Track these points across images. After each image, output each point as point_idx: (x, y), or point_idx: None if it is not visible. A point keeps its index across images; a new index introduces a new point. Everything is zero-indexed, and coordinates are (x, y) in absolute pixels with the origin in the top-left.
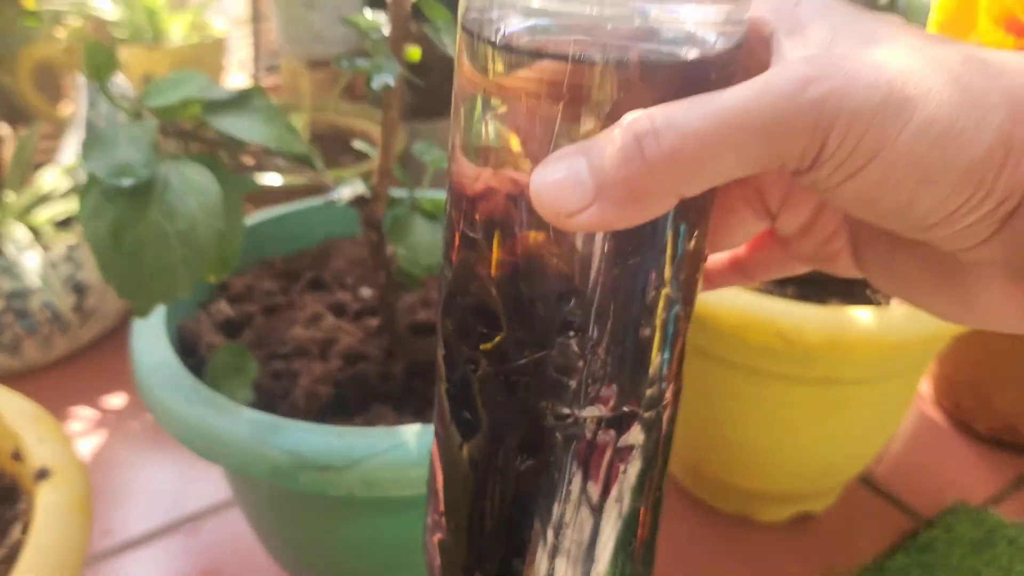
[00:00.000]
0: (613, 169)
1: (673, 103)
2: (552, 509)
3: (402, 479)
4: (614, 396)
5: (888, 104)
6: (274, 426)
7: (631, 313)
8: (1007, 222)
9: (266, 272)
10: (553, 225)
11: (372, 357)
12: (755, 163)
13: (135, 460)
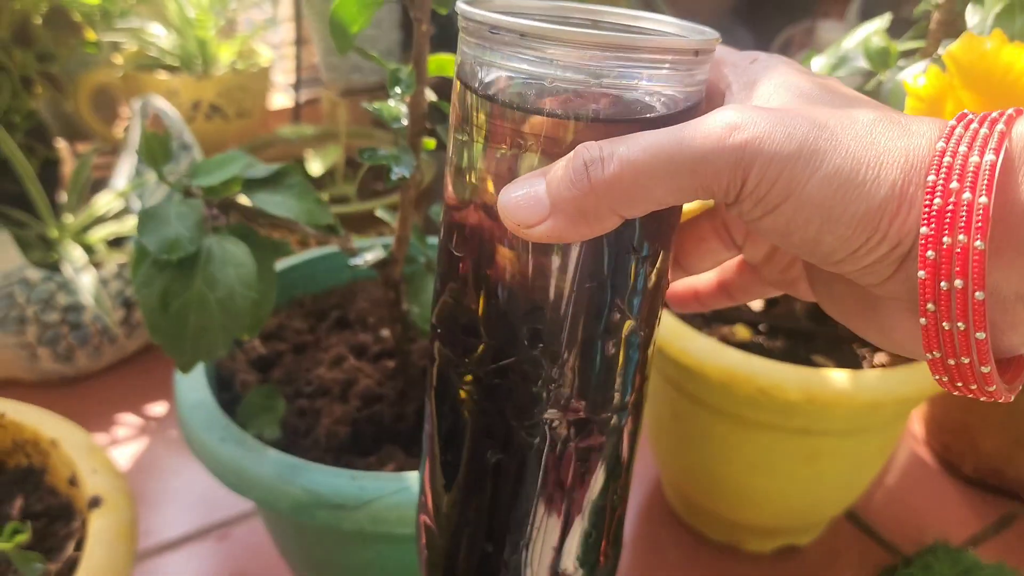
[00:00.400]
0: (564, 189)
1: (620, 137)
2: (520, 502)
3: (407, 518)
4: (576, 403)
5: (800, 154)
6: (296, 467)
7: (592, 329)
8: (902, 264)
9: (296, 311)
10: (515, 234)
11: (387, 398)
12: (684, 193)
13: (173, 466)
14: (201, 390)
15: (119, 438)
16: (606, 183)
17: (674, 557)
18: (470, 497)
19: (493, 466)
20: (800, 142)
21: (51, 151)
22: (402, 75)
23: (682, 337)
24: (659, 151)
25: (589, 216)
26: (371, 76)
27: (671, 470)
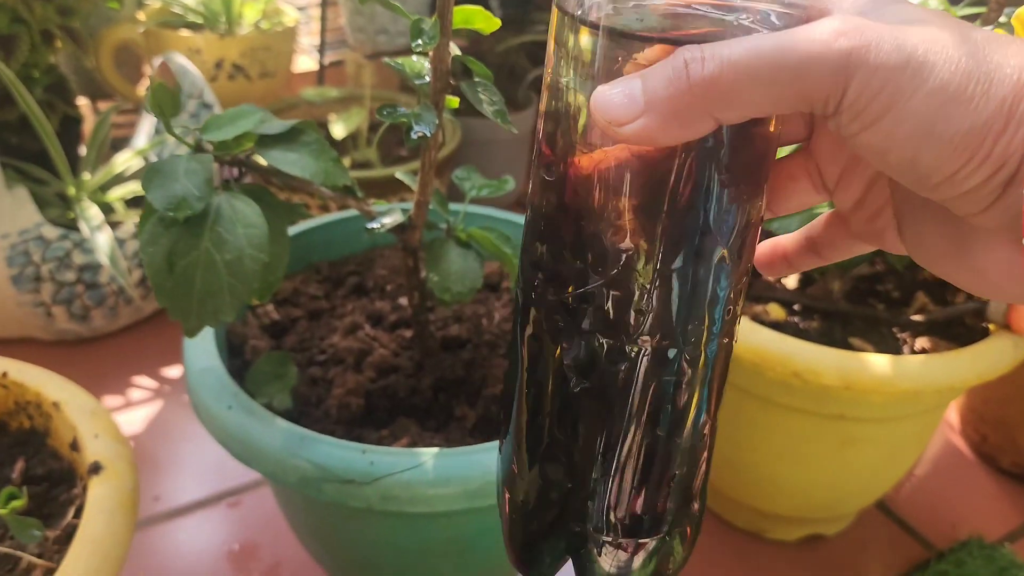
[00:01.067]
0: (661, 88)
1: (722, 41)
2: (604, 436)
3: (418, 497)
4: (664, 332)
5: (907, 66)
6: (305, 439)
7: (683, 255)
8: (1005, 189)
9: (312, 277)
10: (606, 133)
11: (403, 369)
12: (783, 99)
13: (186, 431)
14: (210, 356)
15: (133, 400)
16: (705, 82)
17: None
18: (553, 432)
19: (577, 397)
20: (908, 54)
21: (71, 108)
22: (425, 26)
23: None
24: (762, 53)
25: (683, 116)
26: (398, 39)
27: None
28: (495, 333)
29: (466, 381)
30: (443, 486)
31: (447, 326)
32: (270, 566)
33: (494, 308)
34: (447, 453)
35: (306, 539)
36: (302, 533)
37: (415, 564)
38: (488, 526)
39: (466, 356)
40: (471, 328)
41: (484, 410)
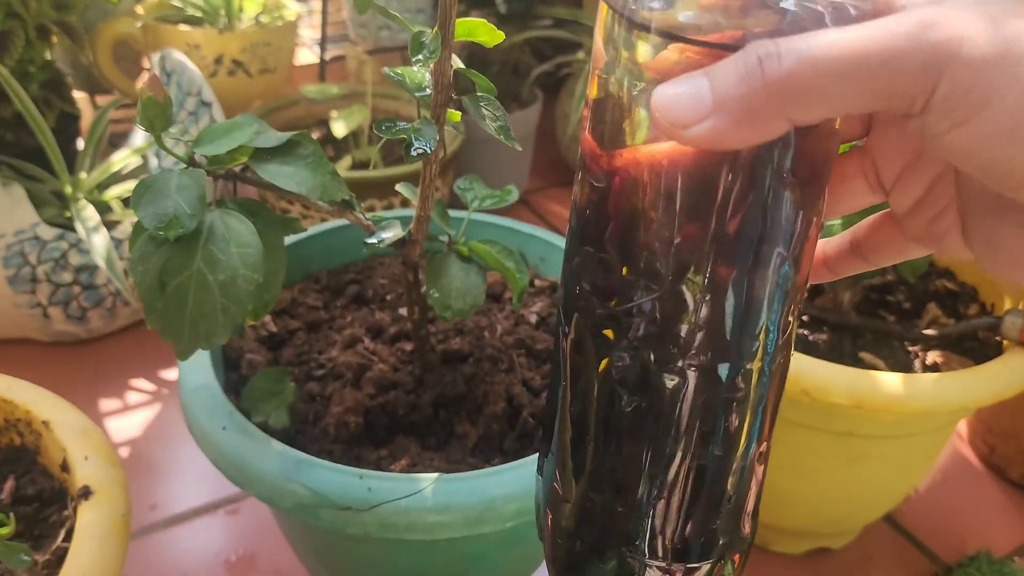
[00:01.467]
0: (732, 86)
1: (798, 35)
2: (654, 454)
3: (417, 524)
4: (717, 346)
5: (1004, 59)
6: (301, 463)
7: (740, 263)
8: None
9: (311, 286)
10: (668, 136)
11: (402, 385)
12: (865, 97)
13: (184, 435)
14: (205, 372)
15: (130, 404)
16: (781, 79)
17: None
18: (600, 451)
19: (626, 415)
20: (1004, 47)
21: (68, 104)
22: (426, 39)
23: None
24: (843, 48)
25: (756, 117)
26: (401, 34)
27: None
28: (497, 347)
29: (467, 397)
30: (443, 513)
31: (448, 339)
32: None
33: (496, 320)
34: (447, 479)
35: (303, 556)
36: (299, 551)
37: None
38: (490, 549)
39: (467, 371)
40: (472, 341)
41: (486, 428)
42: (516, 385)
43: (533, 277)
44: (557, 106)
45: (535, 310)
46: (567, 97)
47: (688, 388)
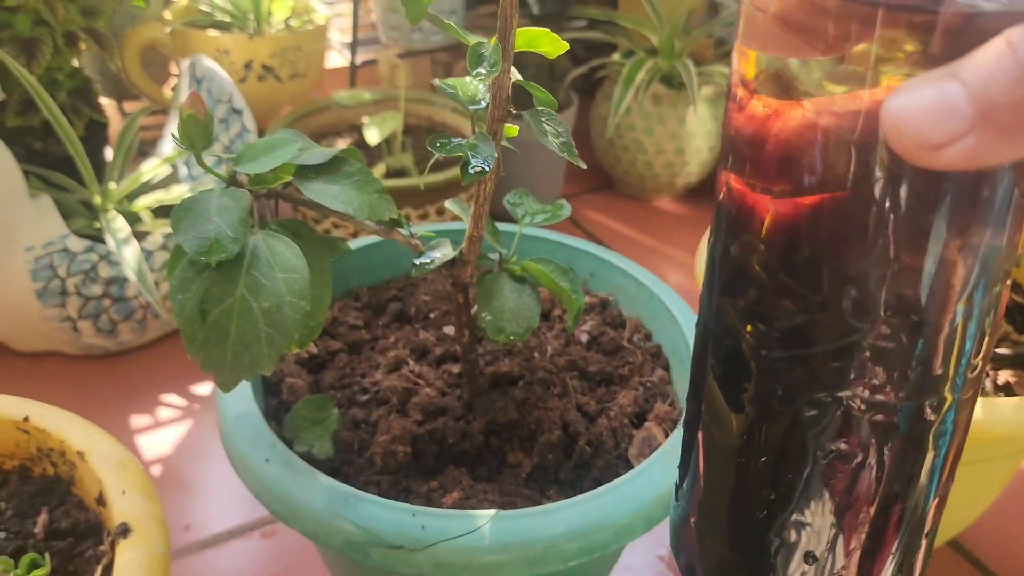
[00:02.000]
0: (1002, 92)
1: None
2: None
3: (474, 565)
4: (935, 383)
5: None
6: (349, 498)
7: (975, 290)
8: None
9: (351, 304)
10: (911, 160)
11: (451, 411)
12: None
13: (218, 452)
14: (246, 400)
15: (161, 420)
16: None
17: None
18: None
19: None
20: None
21: (96, 112)
22: (485, 51)
23: None
24: None
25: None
26: (433, 36)
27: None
28: (549, 369)
29: (519, 424)
30: (501, 553)
31: (497, 360)
32: None
33: (546, 340)
34: (505, 516)
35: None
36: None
37: None
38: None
39: (518, 395)
40: (522, 363)
41: (540, 457)
42: (571, 411)
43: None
44: (593, 109)
45: (586, 329)
46: (603, 100)
47: (899, 426)
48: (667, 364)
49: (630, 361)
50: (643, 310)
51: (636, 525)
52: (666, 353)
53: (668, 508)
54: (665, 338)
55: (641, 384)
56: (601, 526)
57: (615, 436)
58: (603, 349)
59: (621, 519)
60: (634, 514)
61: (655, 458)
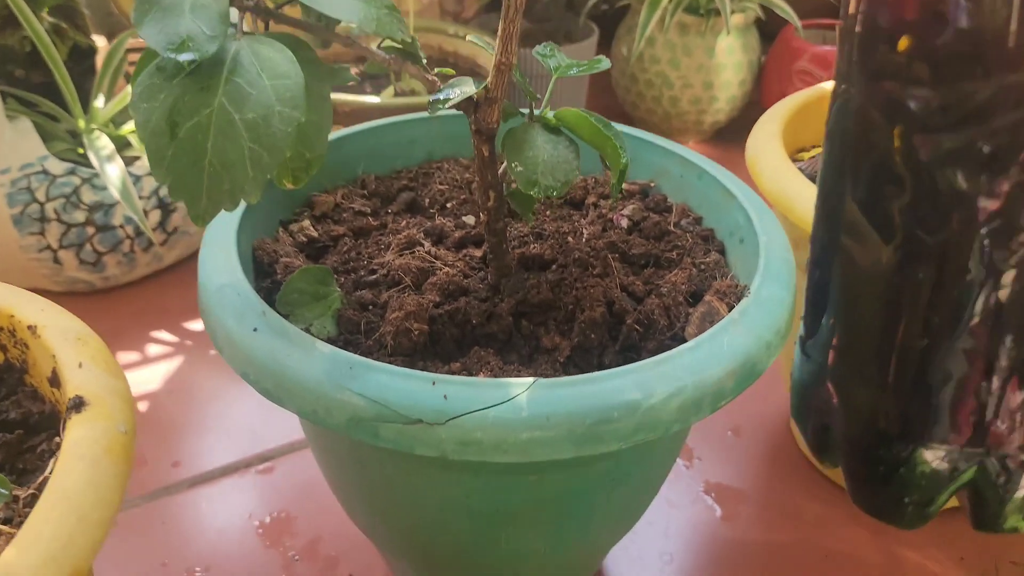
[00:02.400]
0: None
1: None
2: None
3: (509, 442)
4: None
5: None
6: (356, 367)
7: None
8: None
9: (357, 191)
10: None
11: (474, 292)
12: None
13: (210, 390)
14: (232, 270)
15: (150, 356)
16: None
17: (812, 517)
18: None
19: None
20: None
21: (81, 35)
22: None
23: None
24: None
25: None
26: None
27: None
28: (586, 252)
29: (554, 305)
30: (542, 427)
31: (526, 244)
32: (309, 541)
33: (580, 226)
34: (548, 384)
35: (352, 504)
36: (347, 496)
37: (491, 537)
38: (589, 488)
39: (552, 277)
40: (555, 246)
41: (581, 338)
42: (615, 290)
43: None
44: (614, 47)
45: (626, 213)
46: (624, 35)
47: None
48: (722, 248)
49: (679, 245)
50: (691, 193)
51: (704, 399)
52: (720, 236)
53: (741, 382)
54: (718, 220)
55: (694, 265)
56: (663, 398)
57: (668, 315)
58: (647, 235)
59: (687, 390)
60: (702, 385)
61: (723, 326)
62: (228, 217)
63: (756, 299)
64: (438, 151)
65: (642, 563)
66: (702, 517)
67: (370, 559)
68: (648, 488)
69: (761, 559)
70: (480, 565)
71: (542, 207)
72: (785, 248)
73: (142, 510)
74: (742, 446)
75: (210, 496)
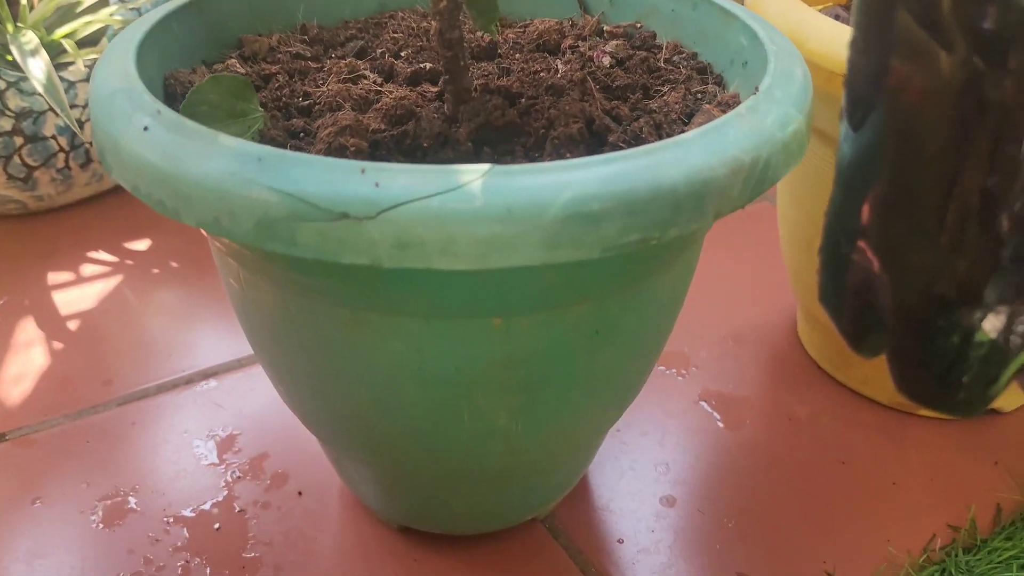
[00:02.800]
0: None
1: None
2: None
3: (460, 242)
4: None
5: None
6: (268, 158)
7: None
8: None
9: (296, 37)
10: None
11: (427, 119)
12: None
13: (153, 309)
14: (126, 78)
15: (85, 275)
16: None
17: (825, 423)
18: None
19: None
20: None
21: None
22: None
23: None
24: None
25: None
26: None
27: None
28: (560, 85)
29: (522, 131)
30: (502, 221)
31: (490, 79)
32: (254, 458)
33: (555, 66)
34: (508, 171)
35: (293, 390)
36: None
37: (450, 411)
38: (569, 337)
39: (522, 105)
40: (525, 80)
41: (555, 158)
42: (595, 110)
43: (599, 24)
44: None
45: (608, 50)
46: None
47: None
48: (721, 80)
49: (670, 79)
50: (684, 28)
51: (705, 197)
52: (718, 69)
53: (750, 185)
54: (717, 50)
55: (689, 93)
56: (652, 190)
57: (660, 133)
58: (633, 72)
59: (682, 184)
60: (702, 180)
61: (727, 119)
62: (129, 32)
63: (767, 96)
64: (392, 1)
65: (634, 473)
66: (701, 425)
67: (323, 475)
68: (640, 352)
69: (769, 465)
70: (440, 453)
71: (510, 51)
72: (798, 56)
73: (63, 429)
74: (744, 353)
75: (144, 414)
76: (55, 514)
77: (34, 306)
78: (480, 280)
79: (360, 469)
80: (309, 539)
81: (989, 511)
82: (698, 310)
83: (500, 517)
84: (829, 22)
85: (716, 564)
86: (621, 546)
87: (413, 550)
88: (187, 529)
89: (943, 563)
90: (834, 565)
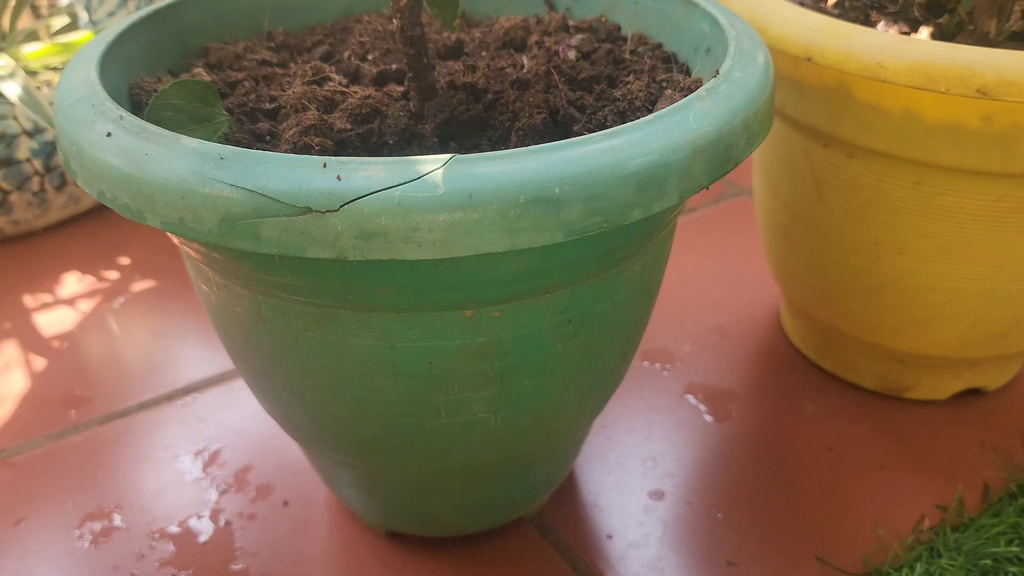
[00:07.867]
0: None
1: None
2: None
3: (423, 230)
4: None
5: None
6: (230, 156)
7: None
8: None
9: (262, 43)
10: None
11: (393, 116)
12: None
13: (133, 329)
14: (89, 86)
15: (64, 297)
16: None
17: (812, 412)
18: None
19: None
20: None
21: None
22: None
23: (842, 36)
24: None
25: None
26: None
27: (798, 279)
28: (525, 79)
29: (488, 124)
30: (463, 208)
31: (456, 76)
32: (238, 471)
33: (521, 63)
34: (469, 160)
35: (269, 394)
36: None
37: (427, 405)
38: (542, 326)
39: (487, 100)
40: (491, 75)
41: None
42: (560, 101)
43: (565, 19)
44: None
45: (573, 44)
46: None
47: None
48: (686, 69)
49: (636, 69)
50: (648, 19)
51: (667, 178)
52: (683, 58)
53: (713, 165)
54: (680, 39)
55: (653, 81)
56: (614, 171)
57: (623, 120)
58: (598, 64)
59: (643, 165)
60: (664, 161)
61: (688, 101)
62: (94, 43)
63: (727, 78)
64: (358, 5)
65: (622, 469)
66: (688, 418)
67: (309, 484)
68: (615, 340)
69: (757, 455)
70: (420, 450)
71: (477, 49)
72: (758, 39)
73: (45, 450)
74: (728, 346)
75: (126, 432)
76: (40, 534)
77: (13, 329)
78: (448, 271)
79: (344, 473)
80: (296, 548)
81: (977, 490)
82: (681, 304)
83: (487, 516)
84: (792, 7)
85: (706, 555)
86: (611, 541)
87: (402, 555)
88: (173, 544)
89: (932, 543)
90: (824, 551)
